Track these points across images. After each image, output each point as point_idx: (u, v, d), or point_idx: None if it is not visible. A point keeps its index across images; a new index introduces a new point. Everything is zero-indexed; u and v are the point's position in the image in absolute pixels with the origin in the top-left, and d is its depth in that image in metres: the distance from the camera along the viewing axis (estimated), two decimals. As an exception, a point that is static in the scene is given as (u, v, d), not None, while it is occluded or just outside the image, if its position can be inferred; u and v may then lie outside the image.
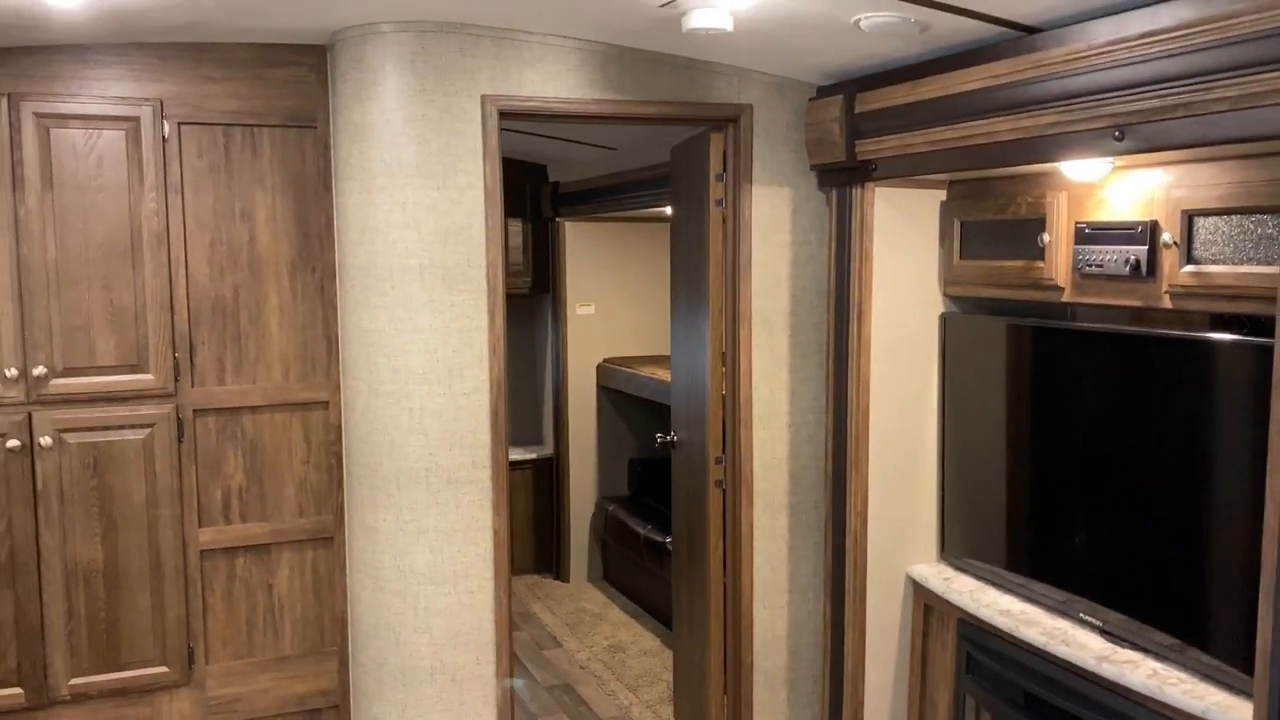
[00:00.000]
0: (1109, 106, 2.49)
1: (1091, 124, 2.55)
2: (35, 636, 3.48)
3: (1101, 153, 2.58)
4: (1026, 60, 2.70)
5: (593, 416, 6.51)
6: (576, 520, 6.58)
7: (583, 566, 6.62)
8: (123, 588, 3.56)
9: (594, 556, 6.62)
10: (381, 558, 3.50)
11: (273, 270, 3.67)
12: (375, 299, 3.41)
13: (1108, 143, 2.52)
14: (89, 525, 3.51)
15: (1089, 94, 2.54)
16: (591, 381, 6.47)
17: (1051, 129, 2.67)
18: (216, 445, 3.65)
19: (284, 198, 3.65)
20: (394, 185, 3.34)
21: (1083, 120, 2.57)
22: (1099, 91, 2.51)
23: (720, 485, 3.89)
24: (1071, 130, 2.61)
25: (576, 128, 4.90)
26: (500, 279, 3.43)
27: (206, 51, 3.49)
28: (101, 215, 3.43)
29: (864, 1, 2.75)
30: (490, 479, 3.47)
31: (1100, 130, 2.53)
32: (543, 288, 6.53)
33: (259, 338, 3.67)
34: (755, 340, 3.75)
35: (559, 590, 6.50)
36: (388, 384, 3.42)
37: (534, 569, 6.74)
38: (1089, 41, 2.51)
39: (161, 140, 3.47)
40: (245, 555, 3.72)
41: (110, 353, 3.48)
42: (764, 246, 3.73)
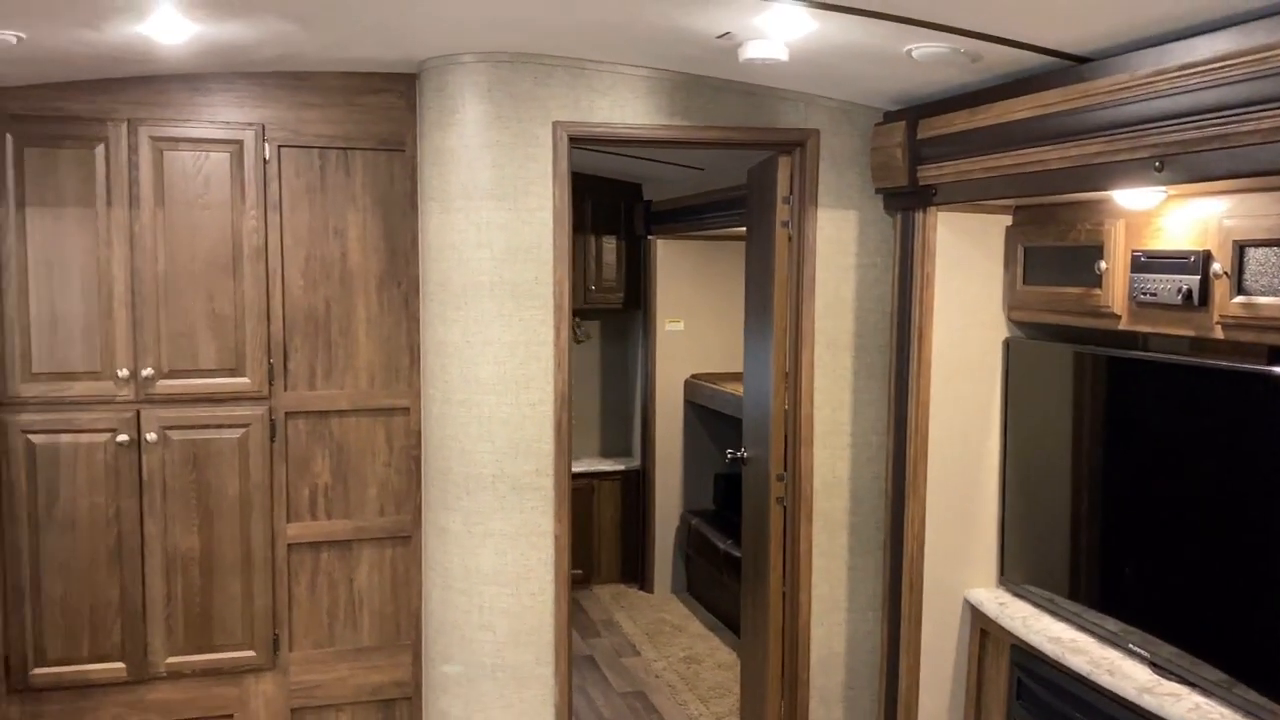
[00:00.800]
0: (1150, 137, 2.49)
1: (1134, 154, 2.56)
2: (137, 616, 3.78)
3: (1143, 183, 2.58)
4: (1075, 90, 2.72)
5: (679, 431, 6.62)
6: (662, 532, 6.69)
7: (667, 578, 6.73)
8: (216, 575, 3.84)
9: (678, 569, 6.71)
10: (451, 558, 3.70)
11: (361, 284, 3.91)
12: (450, 313, 3.61)
13: (1149, 173, 2.53)
14: (187, 516, 3.80)
15: (1132, 124, 2.54)
16: (679, 396, 6.59)
17: (1097, 158, 2.68)
18: (305, 446, 3.91)
19: (373, 217, 3.89)
20: (470, 206, 3.54)
21: (1125, 150, 2.58)
22: (1141, 122, 2.52)
23: (781, 502, 3.96)
24: (1116, 160, 2.62)
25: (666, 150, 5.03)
26: (566, 295, 3.59)
27: (305, 80, 3.76)
28: (207, 231, 3.73)
29: (914, 32, 2.81)
30: (553, 486, 3.63)
31: (1142, 160, 2.54)
32: (635, 304, 6.69)
33: (347, 346, 3.91)
34: (818, 360, 3.82)
35: (642, 600, 6.62)
36: (459, 393, 3.61)
37: (620, 578, 6.87)
38: (1131, 72, 2.52)
39: (263, 162, 3.75)
40: (329, 550, 3.97)
41: (211, 357, 3.77)
42: (828, 268, 3.80)
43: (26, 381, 3.63)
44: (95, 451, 3.70)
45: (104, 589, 3.75)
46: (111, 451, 3.71)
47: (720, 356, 6.55)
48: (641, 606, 6.53)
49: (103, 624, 3.76)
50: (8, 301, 3.59)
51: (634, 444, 6.94)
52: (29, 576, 3.69)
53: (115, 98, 3.62)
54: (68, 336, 3.65)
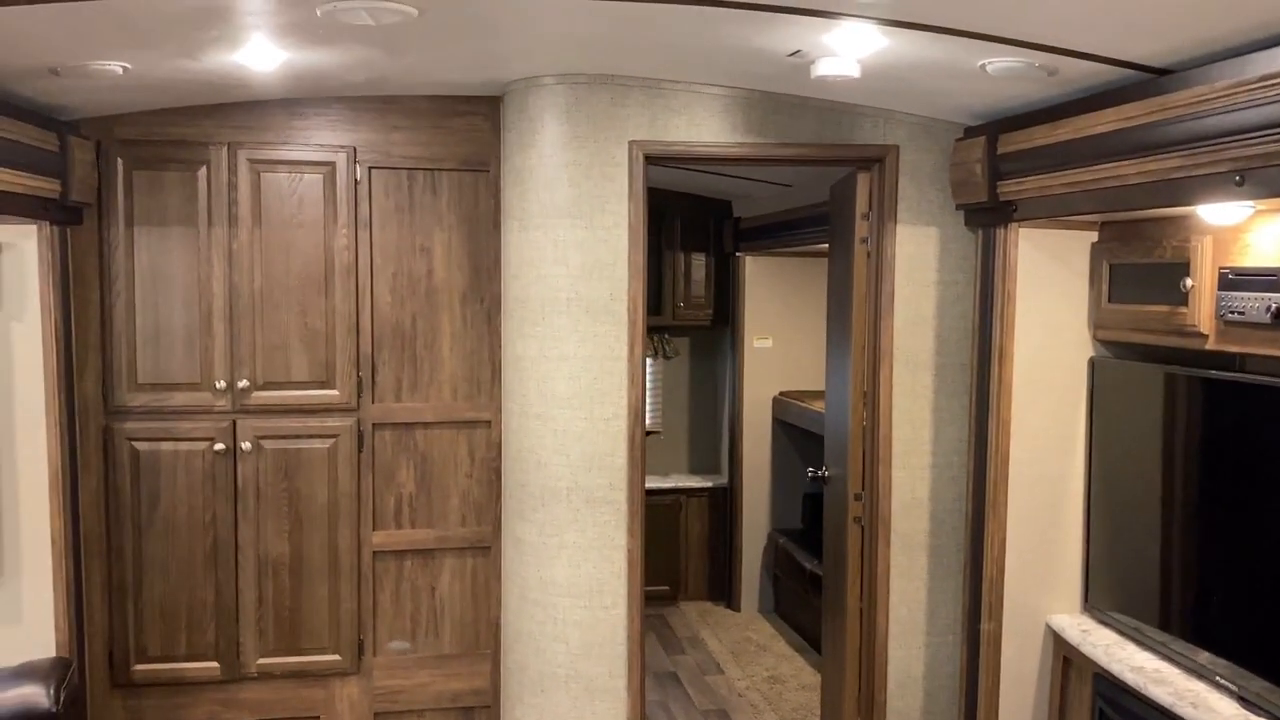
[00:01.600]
0: (1230, 150, 2.41)
1: (1214, 168, 2.47)
2: (230, 617, 3.95)
3: (1224, 197, 2.50)
4: (1154, 103, 2.65)
5: (767, 448, 6.58)
6: (749, 551, 6.65)
7: (754, 597, 6.68)
8: (305, 580, 3.99)
9: (765, 588, 6.66)
10: (526, 568, 3.77)
11: (446, 300, 4.02)
12: (528, 328, 3.69)
13: (1229, 187, 2.44)
14: (279, 522, 3.96)
15: (1211, 137, 2.46)
16: (767, 414, 6.55)
17: (1176, 172, 2.60)
18: (391, 456, 4.03)
19: (458, 235, 4.01)
20: (547, 224, 3.62)
21: (1205, 164, 2.49)
22: (1220, 135, 2.43)
23: (859, 522, 3.92)
24: (1195, 174, 2.54)
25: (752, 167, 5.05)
26: (641, 312, 3.63)
27: (394, 104, 3.90)
28: (300, 248, 3.90)
29: (987, 47, 2.78)
30: (626, 501, 3.66)
31: (1222, 174, 2.45)
32: (723, 320, 6.69)
33: (432, 361, 4.03)
34: (897, 379, 3.78)
35: (728, 619, 6.60)
36: (536, 407, 3.69)
37: (707, 596, 6.85)
38: (1211, 85, 2.44)
39: (354, 182, 3.90)
40: (412, 558, 4.08)
41: (303, 370, 3.93)
42: (908, 285, 3.76)
43: (132, 391, 3.84)
44: (194, 459, 3.89)
45: (200, 590, 3.93)
46: (209, 459, 3.89)
47: (809, 374, 6.49)
48: (727, 625, 6.51)
49: (199, 624, 3.94)
50: (117, 315, 3.81)
51: (722, 461, 6.93)
52: (132, 576, 3.89)
53: (217, 122, 3.81)
54: (170, 349, 3.85)
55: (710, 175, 5.62)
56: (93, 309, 3.79)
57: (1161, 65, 2.66)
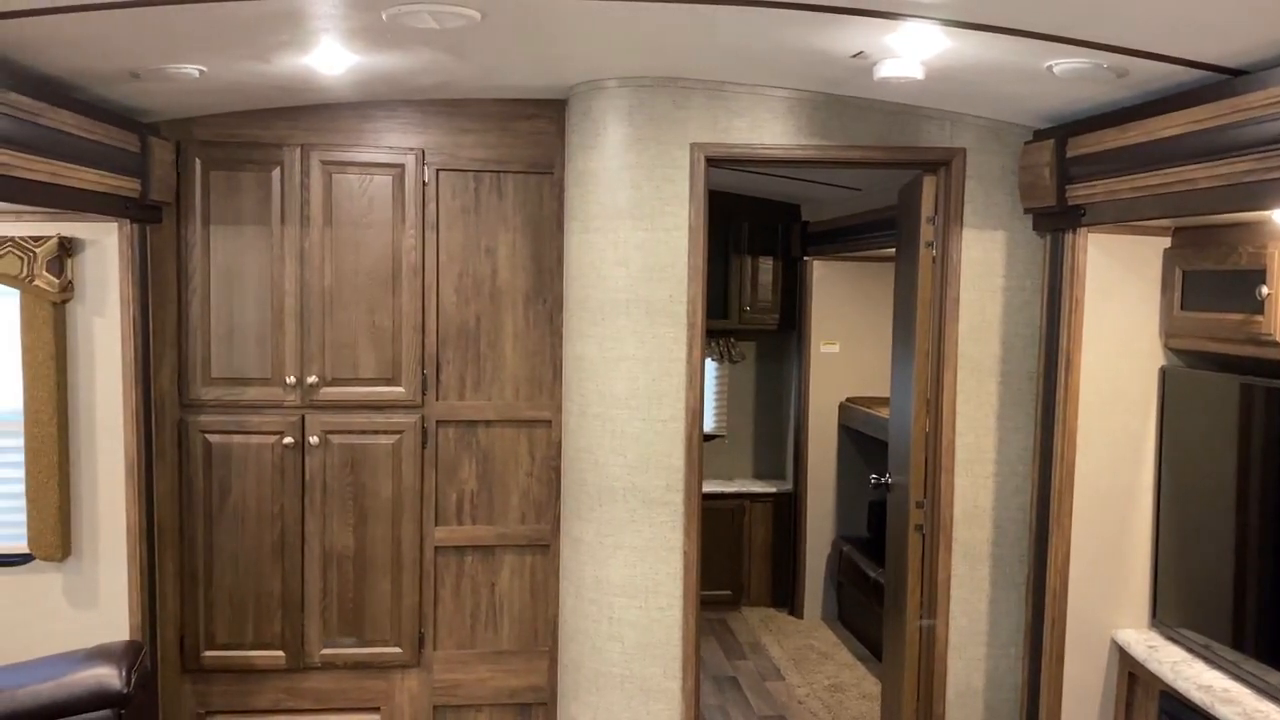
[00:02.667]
0: (1305, 153, 2.34)
1: (1288, 171, 2.40)
2: (296, 608, 4.05)
3: (1298, 202, 2.42)
4: (1226, 105, 2.58)
5: (833, 455, 6.52)
6: (813, 558, 6.60)
7: (817, 604, 6.63)
8: (368, 573, 4.07)
9: (829, 595, 6.61)
10: (583, 568, 3.79)
11: (510, 300, 4.08)
12: (588, 329, 3.72)
13: (1304, 191, 2.36)
14: (344, 516, 4.04)
15: (1285, 140, 2.39)
16: (833, 420, 6.49)
17: (1249, 176, 2.52)
18: (454, 453, 4.10)
19: (523, 236, 4.06)
20: (608, 226, 3.64)
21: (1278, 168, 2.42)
22: (1295, 137, 2.36)
23: (920, 530, 3.86)
24: (1268, 178, 2.46)
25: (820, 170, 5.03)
26: (700, 314, 3.63)
27: (462, 107, 3.97)
28: (369, 248, 3.98)
29: (1054, 48, 2.73)
30: (683, 502, 3.67)
31: (1296, 178, 2.38)
32: (790, 325, 6.65)
33: (495, 360, 4.08)
34: (961, 385, 3.72)
35: (791, 625, 6.55)
36: (595, 407, 3.71)
37: (769, 602, 6.82)
38: (1285, 85, 2.37)
39: (422, 184, 3.97)
40: (473, 554, 4.14)
41: (370, 367, 4.01)
42: (974, 290, 3.70)
43: (206, 385, 3.96)
44: (264, 452, 3.99)
45: (268, 580, 4.03)
46: (278, 452, 3.99)
47: (876, 380, 6.41)
48: (789, 631, 6.46)
49: (265, 613, 4.04)
50: (193, 312, 3.93)
51: (787, 466, 6.88)
52: (203, 565, 4.01)
53: (291, 125, 3.92)
54: (243, 345, 3.96)
55: (778, 179, 5.59)
56: (170, 306, 3.92)
57: (1235, 66, 2.59)
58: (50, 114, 2.89)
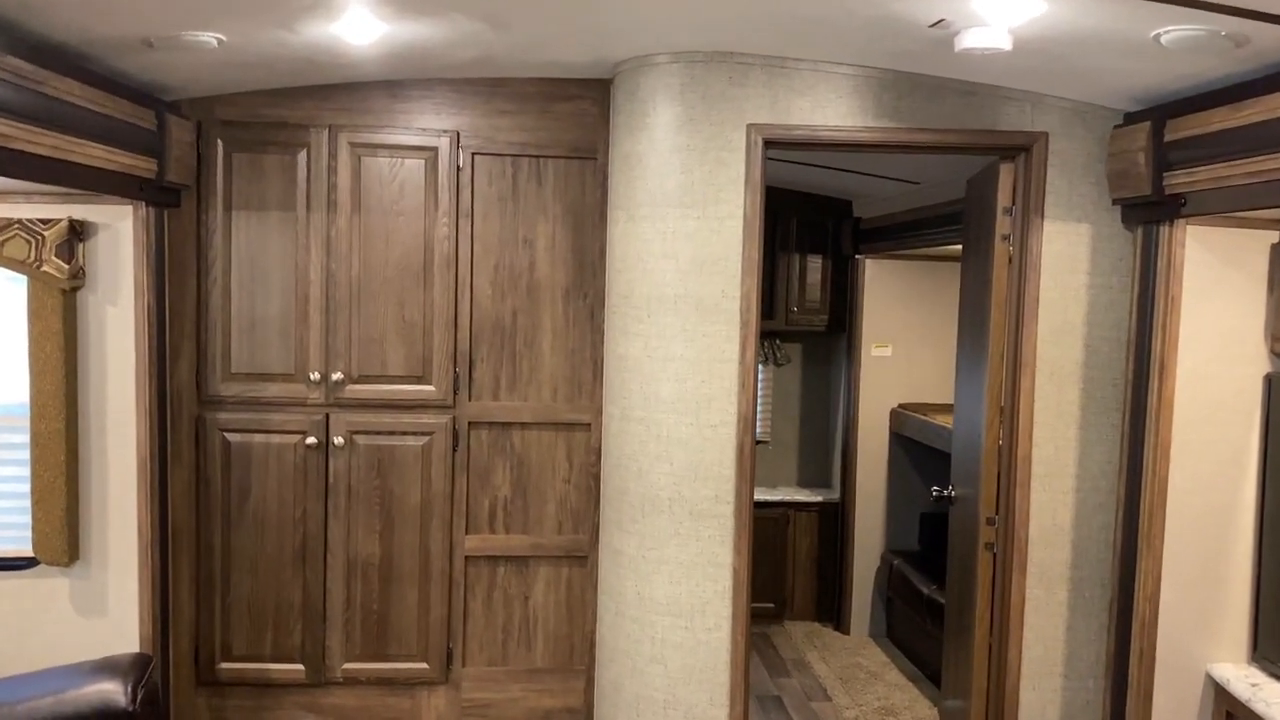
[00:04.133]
0: None
1: None
2: (318, 619, 3.81)
3: None
4: (1370, 74, 2.26)
5: (883, 464, 6.21)
6: (860, 571, 6.28)
7: (864, 620, 6.31)
8: (394, 583, 3.82)
9: (877, 611, 6.29)
10: (624, 583, 3.51)
11: (549, 295, 3.81)
12: (633, 326, 3.44)
13: None
14: (369, 521, 3.79)
15: None
16: (884, 427, 6.18)
17: (1398, 156, 2.21)
18: (487, 457, 3.84)
19: (563, 226, 3.79)
20: (656, 214, 3.36)
21: None
22: None
23: (991, 549, 3.55)
24: None
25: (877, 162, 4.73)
26: (755, 311, 3.34)
27: (500, 87, 3.71)
28: (399, 237, 3.73)
29: (1165, 12, 2.42)
30: (732, 515, 3.38)
31: None
32: (839, 326, 6.35)
33: (532, 358, 3.82)
34: (1039, 392, 3.40)
35: (837, 642, 6.24)
36: (638, 410, 3.43)
37: (814, 616, 6.51)
38: None
39: (456, 169, 3.72)
40: (506, 565, 3.87)
41: (399, 364, 3.76)
42: (1055, 288, 3.39)
43: (226, 381, 3.73)
44: (285, 452, 3.75)
45: (288, 589, 3.79)
46: (300, 453, 3.75)
47: (931, 385, 6.10)
48: (835, 648, 6.15)
49: (285, 624, 3.80)
50: (212, 302, 3.70)
51: (834, 475, 6.58)
52: (220, 571, 3.78)
53: (319, 104, 3.68)
54: (265, 338, 3.72)
55: (830, 172, 5.31)
56: (189, 295, 3.69)
57: (1381, 30, 2.27)
58: (55, 82, 2.66)
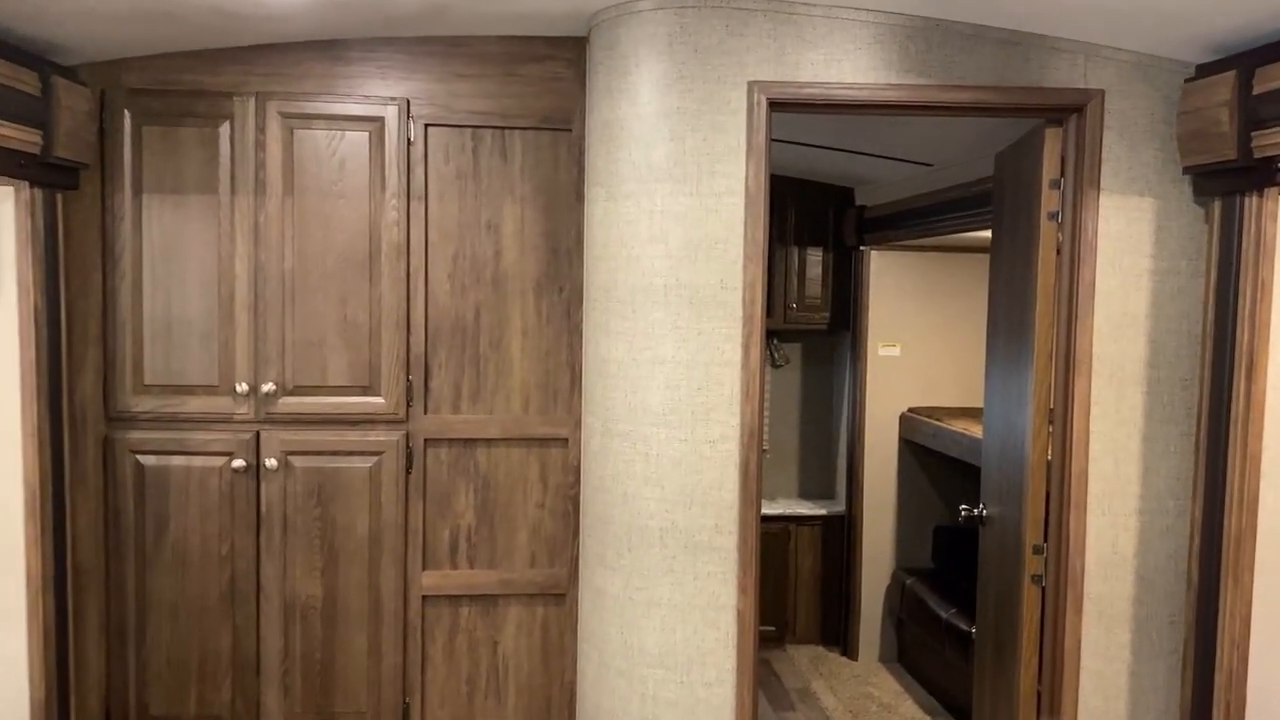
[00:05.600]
0: None
1: None
2: (250, 671, 3.26)
3: None
4: None
5: (893, 474, 5.70)
6: (869, 591, 5.77)
7: (874, 644, 5.80)
8: (340, 628, 3.27)
9: (887, 634, 5.78)
10: (608, 628, 2.97)
11: (518, 289, 3.28)
12: (615, 323, 2.90)
13: None
14: (309, 557, 3.25)
15: None
16: (893, 433, 5.67)
17: None
18: (447, 479, 3.30)
19: (533, 209, 3.26)
20: (641, 191, 2.83)
21: None
22: None
23: (1038, 581, 3.03)
24: None
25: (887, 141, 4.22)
26: (760, 304, 2.81)
27: (458, 47, 3.18)
28: (341, 223, 3.19)
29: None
30: (736, 548, 2.84)
31: None
32: (843, 324, 5.83)
33: (499, 363, 3.28)
34: (1096, 397, 2.88)
35: (844, 669, 5.71)
36: (622, 423, 2.89)
37: (818, 639, 6.00)
38: None
39: (406, 143, 3.18)
40: (470, 605, 3.34)
41: (342, 372, 3.22)
42: (1113, 274, 2.86)
43: (138, 394, 3.18)
44: (209, 477, 3.20)
45: (214, 637, 3.24)
46: (227, 478, 3.20)
47: (944, 387, 5.60)
48: (843, 675, 5.62)
49: (212, 678, 3.25)
50: (121, 301, 3.15)
51: (838, 486, 6.07)
52: (135, 618, 3.23)
53: (244, 69, 3.14)
54: (183, 343, 3.18)
55: (831, 154, 4.80)
56: (93, 293, 3.14)
57: None
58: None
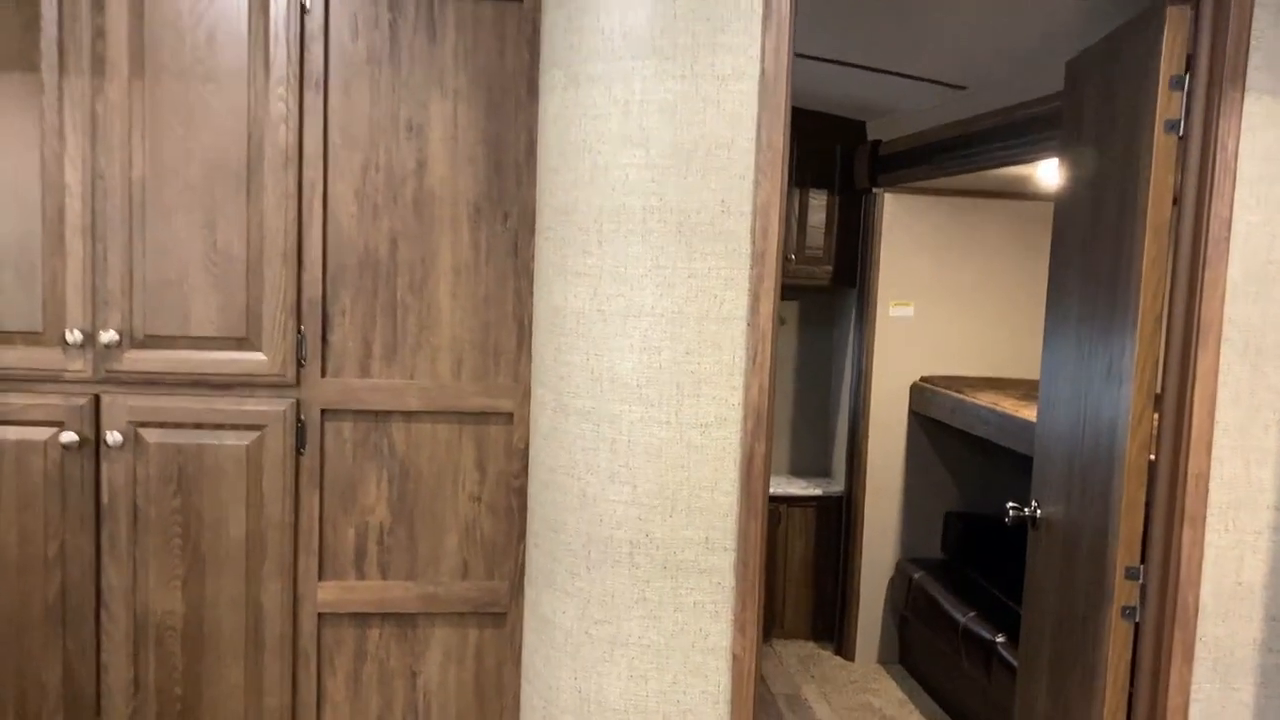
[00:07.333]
0: None
1: None
2: (88, 710, 2.48)
3: None
4: None
5: (900, 451, 5.01)
6: (869, 583, 5.11)
7: (873, 643, 5.13)
8: (208, 655, 2.50)
9: (888, 633, 5.11)
10: (558, 671, 2.21)
11: (448, 214, 2.48)
12: (574, 260, 2.12)
13: None
14: (167, 562, 2.47)
15: None
16: (903, 405, 4.97)
17: None
18: (352, 464, 2.52)
19: (470, 106, 2.45)
20: (614, 72, 2.02)
21: None
22: None
23: (1130, 615, 2.28)
24: None
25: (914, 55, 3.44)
26: (776, 238, 2.02)
27: (370, -121, 2.35)
28: (209, 118, 2.38)
29: None
30: (733, 569, 2.08)
31: None
32: (848, 279, 5.10)
33: (422, 313, 2.50)
34: (1225, 376, 2.13)
35: (840, 672, 5.03)
36: (582, 397, 2.12)
37: (809, 635, 5.33)
38: None
39: (300, 10, 2.37)
40: (382, 626, 2.57)
41: (209, 319, 2.42)
42: (1259, 206, 2.10)
43: (-70, 343, 2.38)
44: (30, 455, 2.41)
45: (37, 664, 2.46)
46: (55, 456, 2.41)
47: (965, 354, 4.90)
48: (838, 679, 4.94)
49: (34, 716, 2.48)
50: (-95, 217, 2.34)
51: (836, 463, 5.38)
52: (-70, 639, 2.45)
53: (75, -99, 2.30)
54: (-7, 276, 2.37)
55: (843, 78, 4.07)
56: None
57: None
58: None
